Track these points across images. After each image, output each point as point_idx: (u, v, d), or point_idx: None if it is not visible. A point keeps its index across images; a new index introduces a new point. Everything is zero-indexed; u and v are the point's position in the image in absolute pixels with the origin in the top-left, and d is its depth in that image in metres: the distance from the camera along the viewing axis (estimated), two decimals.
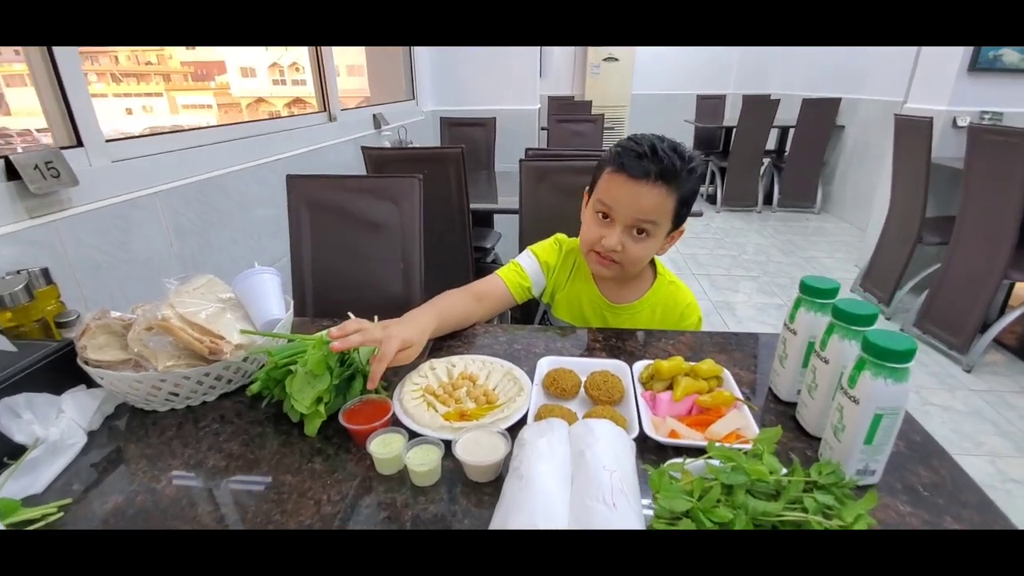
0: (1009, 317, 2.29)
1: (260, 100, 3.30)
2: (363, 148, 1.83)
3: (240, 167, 1.57)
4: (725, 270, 3.69)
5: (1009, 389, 2.20)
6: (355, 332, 0.75)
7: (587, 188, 1.01)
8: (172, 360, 0.75)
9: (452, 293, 0.98)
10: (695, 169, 0.90)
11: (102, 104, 1.19)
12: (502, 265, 1.08)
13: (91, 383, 0.77)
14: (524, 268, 1.07)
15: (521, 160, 1.40)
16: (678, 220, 0.94)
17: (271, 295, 0.89)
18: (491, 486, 0.63)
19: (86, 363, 0.74)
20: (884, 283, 2.99)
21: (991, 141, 2.21)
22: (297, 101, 2.95)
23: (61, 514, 0.60)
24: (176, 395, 0.77)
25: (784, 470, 0.56)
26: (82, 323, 0.77)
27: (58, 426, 0.68)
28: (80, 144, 1.14)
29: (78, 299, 1.05)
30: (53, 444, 0.66)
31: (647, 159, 0.87)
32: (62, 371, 0.75)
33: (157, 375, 0.73)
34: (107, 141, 1.17)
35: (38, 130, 1.16)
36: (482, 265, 2.35)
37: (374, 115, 2.70)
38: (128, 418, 0.78)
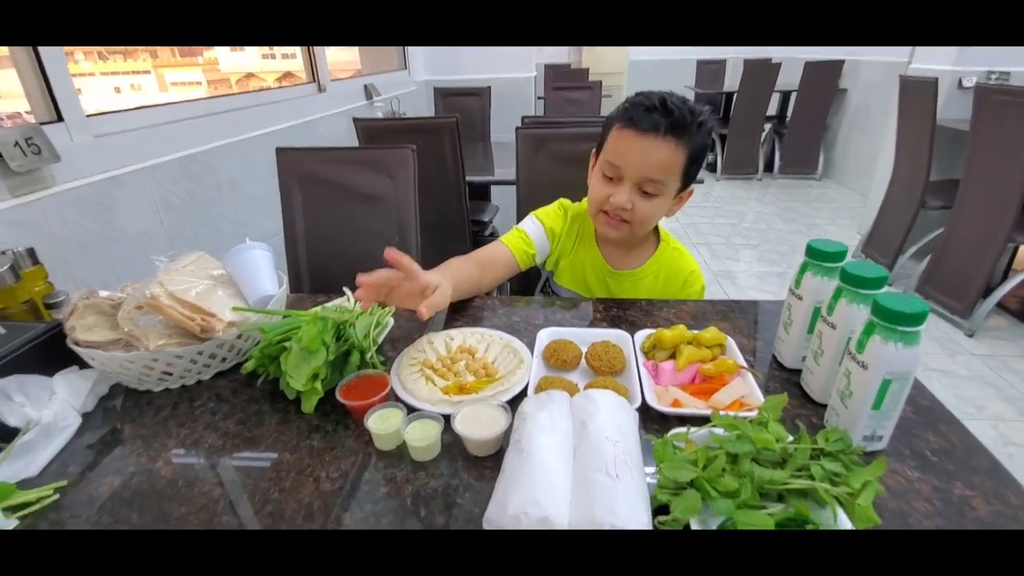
0: (1013, 281, 2.27)
1: (250, 75, 3.22)
2: (355, 119, 1.78)
3: (227, 141, 1.53)
4: (725, 239, 3.65)
5: (1011, 353, 2.20)
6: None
7: (594, 151, 0.98)
8: (163, 339, 0.73)
9: (457, 261, 0.96)
10: (705, 123, 0.87)
11: (89, 83, 1.14)
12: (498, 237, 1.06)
13: (83, 364, 0.76)
14: (529, 234, 1.04)
15: (517, 128, 1.35)
16: (687, 179, 0.91)
17: (263, 271, 0.87)
18: (491, 460, 0.62)
19: (76, 344, 0.73)
20: (886, 249, 2.96)
21: (998, 101, 2.15)
22: (287, 75, 2.87)
23: (57, 496, 0.59)
24: (170, 374, 0.75)
25: (790, 438, 0.55)
26: (70, 303, 0.75)
27: (51, 408, 0.67)
28: (60, 119, 1.10)
29: (67, 279, 1.03)
30: (47, 426, 0.65)
31: (656, 112, 0.85)
32: (52, 353, 0.74)
33: (148, 354, 0.71)
34: (88, 116, 1.13)
35: (27, 112, 1.12)
36: (480, 239, 2.32)
37: (365, 86, 2.63)
38: (123, 399, 0.76)
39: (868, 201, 3.55)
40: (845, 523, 0.48)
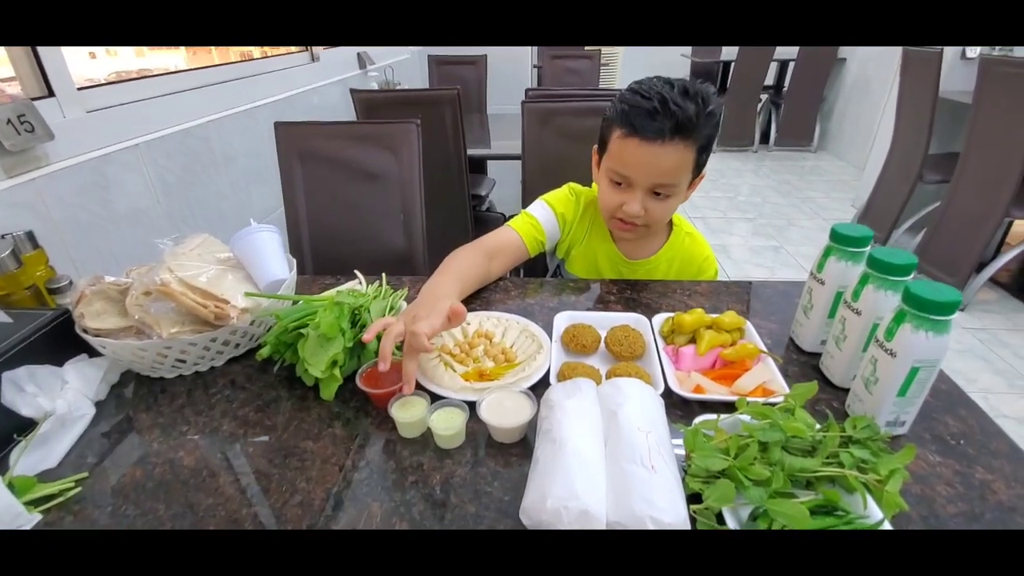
0: (1007, 256, 2.30)
1: None
2: (352, 91, 1.72)
3: (220, 115, 1.47)
4: (720, 212, 3.65)
5: (1002, 327, 2.25)
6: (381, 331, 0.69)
7: (595, 147, 0.95)
8: (176, 326, 0.71)
9: (464, 253, 0.91)
10: (713, 112, 0.82)
11: (65, 49, 1.08)
12: (497, 213, 1.03)
13: (92, 352, 0.74)
14: (539, 220, 0.99)
15: (523, 101, 1.31)
16: (698, 168, 0.87)
17: (272, 254, 0.85)
18: (517, 447, 0.62)
19: (85, 331, 0.71)
20: (882, 222, 2.98)
21: (1003, 73, 2.13)
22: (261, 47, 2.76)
23: (79, 488, 0.58)
24: (183, 361, 0.74)
25: (817, 425, 0.56)
26: (76, 290, 0.73)
27: (64, 398, 0.65)
28: (51, 94, 1.04)
29: (66, 262, 1.00)
30: (61, 417, 0.64)
31: (659, 116, 0.79)
32: (61, 340, 0.72)
33: (162, 342, 0.70)
34: (79, 89, 1.08)
35: (6, 79, 1.06)
36: (478, 214, 2.29)
37: (358, 54, 2.54)
38: (135, 386, 0.75)
39: (864, 174, 3.55)
40: (874, 510, 0.49)
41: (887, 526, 0.47)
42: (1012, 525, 0.51)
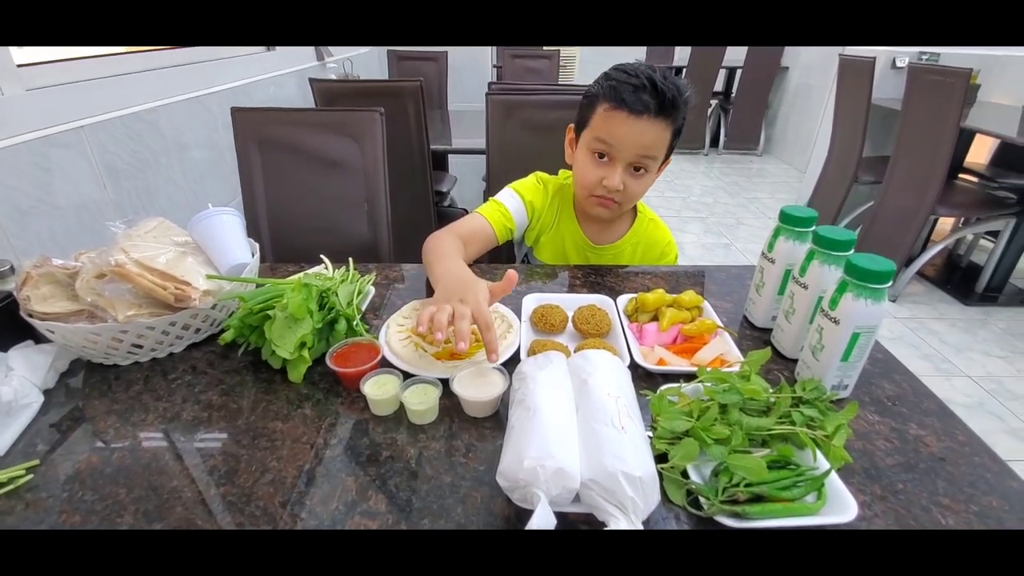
0: (932, 251, 2.50)
1: None
2: (311, 80, 1.68)
3: (172, 100, 1.41)
4: (675, 212, 3.78)
5: (929, 316, 2.44)
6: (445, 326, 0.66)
7: (570, 128, 0.98)
8: (133, 309, 0.69)
9: (445, 237, 0.92)
10: (689, 99, 0.88)
11: None
12: (459, 209, 1.05)
13: (38, 338, 0.71)
14: (508, 208, 1.01)
15: (487, 93, 1.33)
16: (669, 151, 0.92)
17: (233, 237, 0.83)
18: (490, 420, 0.63)
19: (31, 316, 0.67)
20: (822, 220, 3.05)
21: (929, 80, 2.31)
22: None
23: (30, 476, 0.55)
24: (140, 347, 0.71)
25: (770, 388, 0.60)
26: (21, 272, 0.69)
27: (10, 385, 0.62)
28: None
29: (5, 248, 0.93)
30: (7, 404, 0.60)
31: (647, 92, 0.84)
32: (3, 326, 0.68)
33: (117, 326, 0.67)
34: (19, 66, 1.01)
35: None
36: (441, 209, 2.28)
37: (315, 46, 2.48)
38: (85, 374, 0.72)
39: (805, 176, 3.76)
40: (823, 462, 0.53)
41: (834, 475, 0.51)
42: (943, 473, 0.56)
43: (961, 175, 2.72)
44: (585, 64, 5.07)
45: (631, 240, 1.06)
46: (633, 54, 5.53)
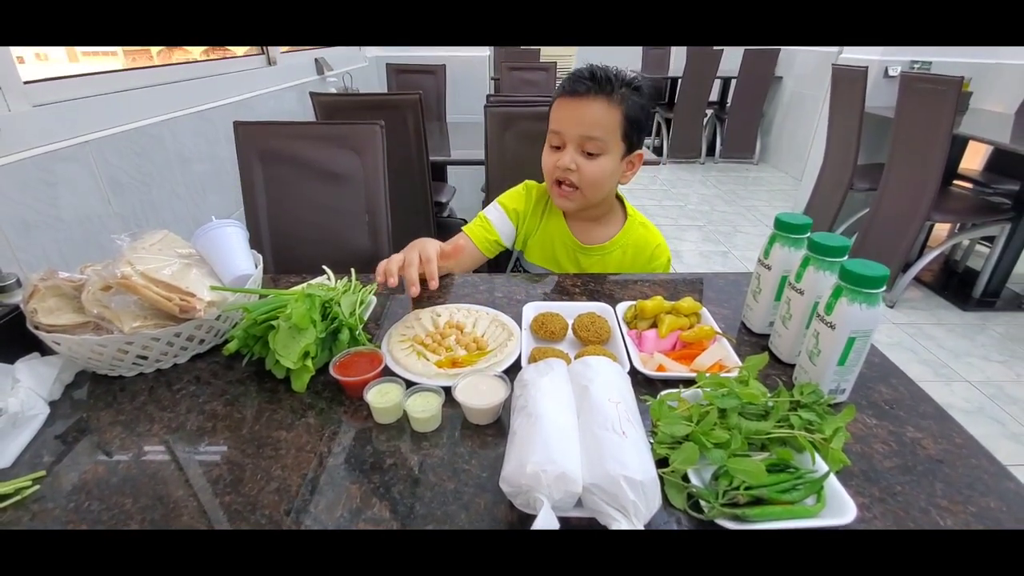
0: (928, 256, 2.52)
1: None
2: (312, 94, 1.71)
3: (175, 115, 1.43)
4: (673, 220, 3.80)
5: (927, 321, 2.45)
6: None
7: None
8: (138, 320, 0.69)
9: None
10: (640, 88, 0.94)
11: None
12: (458, 219, 1.08)
13: (45, 350, 0.71)
14: (491, 221, 1.07)
15: (486, 106, 1.35)
16: (630, 142, 0.96)
17: (237, 249, 0.84)
18: (492, 428, 0.64)
19: (37, 328, 0.68)
20: (818, 227, 3.10)
21: (920, 88, 2.34)
22: (218, 47, 2.68)
23: (37, 487, 0.56)
24: (144, 358, 0.72)
25: (768, 393, 0.61)
26: (28, 285, 0.69)
27: (16, 396, 0.63)
28: None
29: (10, 262, 0.94)
30: (14, 415, 0.61)
31: (585, 78, 0.93)
32: (10, 339, 0.69)
33: (123, 337, 0.68)
34: (26, 83, 1.03)
35: None
36: (440, 220, 2.30)
37: (316, 60, 2.52)
38: (90, 386, 0.72)
39: (801, 184, 3.79)
40: (821, 465, 0.53)
41: (833, 478, 0.52)
42: (941, 475, 0.57)
43: (956, 181, 2.75)
44: None
45: (620, 242, 1.08)
46: (630, 63, 5.60)
